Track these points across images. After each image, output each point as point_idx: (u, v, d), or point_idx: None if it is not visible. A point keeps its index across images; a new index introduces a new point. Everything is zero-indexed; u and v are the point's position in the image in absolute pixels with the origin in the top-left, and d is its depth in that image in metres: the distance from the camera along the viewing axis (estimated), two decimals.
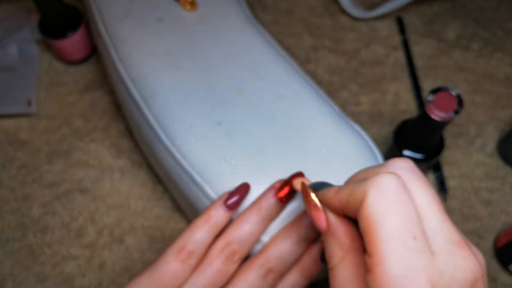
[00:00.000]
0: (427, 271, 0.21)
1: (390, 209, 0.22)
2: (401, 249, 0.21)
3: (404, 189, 0.23)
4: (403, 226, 0.22)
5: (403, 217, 0.22)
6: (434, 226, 0.23)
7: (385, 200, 0.22)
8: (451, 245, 0.22)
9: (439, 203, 0.24)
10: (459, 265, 0.22)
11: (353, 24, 0.58)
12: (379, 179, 0.23)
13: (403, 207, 0.22)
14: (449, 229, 0.23)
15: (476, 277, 0.22)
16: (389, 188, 0.22)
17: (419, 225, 0.22)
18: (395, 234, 0.21)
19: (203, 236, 0.32)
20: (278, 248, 0.32)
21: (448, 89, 0.38)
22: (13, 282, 0.45)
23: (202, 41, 0.42)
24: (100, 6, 0.44)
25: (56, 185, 0.50)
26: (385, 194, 0.22)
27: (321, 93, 0.40)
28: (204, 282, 0.31)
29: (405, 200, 0.22)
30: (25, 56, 0.56)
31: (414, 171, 0.24)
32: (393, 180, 0.23)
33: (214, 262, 0.32)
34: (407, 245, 0.21)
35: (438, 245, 0.22)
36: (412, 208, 0.22)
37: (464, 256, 0.22)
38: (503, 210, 0.48)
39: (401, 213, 0.22)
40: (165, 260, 0.32)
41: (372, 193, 0.22)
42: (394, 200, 0.22)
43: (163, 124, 0.38)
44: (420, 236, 0.22)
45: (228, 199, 0.33)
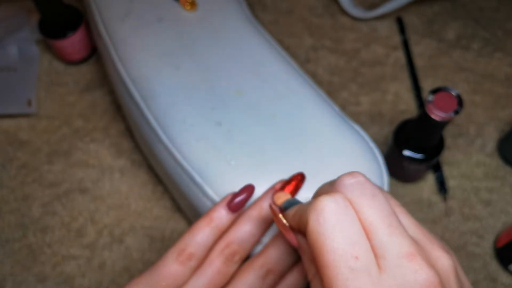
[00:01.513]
0: None
1: (329, 233, 0.22)
2: (345, 272, 0.21)
3: (344, 209, 0.23)
4: (344, 249, 0.22)
5: (343, 239, 0.22)
6: (382, 241, 0.22)
7: (323, 224, 0.22)
8: (400, 258, 0.22)
9: (388, 216, 0.23)
10: (409, 279, 0.21)
11: (353, 24, 0.58)
12: (317, 203, 0.23)
13: (343, 229, 0.22)
14: (398, 241, 0.22)
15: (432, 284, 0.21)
16: (327, 212, 0.22)
17: (363, 243, 0.22)
18: (336, 258, 0.21)
19: (205, 238, 0.32)
20: (278, 249, 0.32)
21: (448, 89, 0.38)
22: (13, 282, 0.45)
23: (202, 41, 0.42)
24: (100, 6, 0.44)
25: (56, 185, 0.50)
26: (323, 218, 0.22)
27: (321, 93, 0.40)
28: (204, 283, 0.31)
29: (345, 221, 0.22)
30: (25, 56, 0.56)
31: (361, 186, 0.24)
32: (331, 204, 0.22)
33: (214, 262, 0.32)
34: (350, 267, 0.21)
35: (386, 261, 0.22)
36: (354, 227, 0.22)
37: (414, 268, 0.21)
38: (503, 210, 0.48)
39: (341, 235, 0.22)
40: (165, 261, 0.32)
41: (312, 218, 0.23)
42: (332, 223, 0.22)
43: (163, 124, 0.38)
44: (363, 255, 0.22)
45: (231, 201, 0.33)
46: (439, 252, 0.23)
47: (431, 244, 0.24)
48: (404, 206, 0.26)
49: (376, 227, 0.23)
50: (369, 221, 0.23)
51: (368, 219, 0.23)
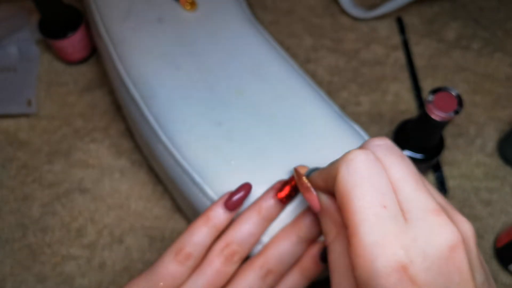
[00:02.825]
0: (399, 237, 0.22)
1: (359, 181, 0.23)
2: (372, 218, 0.22)
3: (374, 162, 0.24)
4: (372, 196, 0.23)
5: (372, 188, 0.23)
6: (408, 196, 0.23)
7: (354, 173, 0.23)
8: (425, 213, 0.23)
9: (414, 175, 0.24)
10: (434, 232, 0.22)
11: (353, 24, 0.58)
12: (348, 155, 0.24)
13: (372, 179, 0.23)
14: (425, 198, 0.23)
15: (453, 243, 0.22)
16: (358, 163, 0.23)
17: (390, 195, 0.23)
18: (365, 205, 0.22)
19: (202, 237, 0.32)
20: (277, 249, 0.32)
21: (448, 89, 0.38)
22: (13, 282, 0.45)
23: (202, 41, 0.42)
24: (100, 6, 0.44)
25: (56, 185, 0.50)
26: (354, 168, 0.23)
27: (321, 93, 0.40)
28: (204, 283, 0.31)
29: (375, 173, 0.23)
30: (25, 56, 0.56)
31: (389, 148, 0.25)
32: (362, 155, 0.24)
33: (213, 262, 0.32)
34: (377, 214, 0.22)
35: (413, 214, 0.23)
36: (383, 179, 0.23)
37: (440, 223, 0.22)
38: (503, 210, 0.48)
39: (370, 185, 0.23)
40: (164, 261, 0.32)
41: (342, 168, 0.24)
42: (362, 173, 0.23)
43: (163, 124, 0.38)
44: (391, 205, 0.23)
45: (228, 199, 0.33)
46: (461, 217, 0.24)
47: (453, 210, 0.25)
48: None
49: (403, 183, 0.24)
50: (396, 178, 0.24)
51: (395, 175, 0.24)
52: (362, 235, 0.22)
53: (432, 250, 0.22)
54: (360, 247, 0.22)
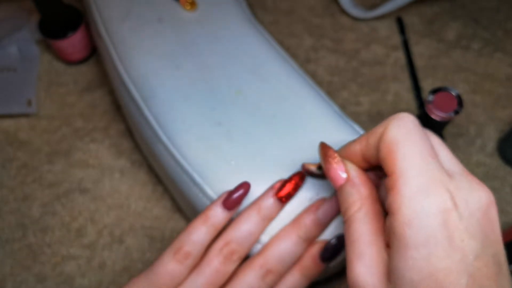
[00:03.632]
0: (446, 184, 0.23)
1: (410, 133, 0.25)
2: (422, 163, 0.24)
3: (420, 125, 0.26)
4: (423, 146, 0.24)
5: (422, 140, 0.25)
6: (447, 159, 0.25)
7: (405, 127, 0.25)
8: (463, 174, 0.25)
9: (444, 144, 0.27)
10: (474, 188, 0.24)
11: (353, 24, 0.59)
12: (398, 114, 0.26)
13: (421, 134, 0.25)
14: (460, 164, 0.26)
15: (490, 201, 0.24)
16: (408, 120, 0.25)
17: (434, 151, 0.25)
18: (415, 151, 0.24)
19: (201, 236, 0.32)
20: (277, 249, 0.32)
21: (448, 89, 0.38)
22: (13, 282, 0.45)
23: (202, 41, 0.42)
24: (100, 6, 0.44)
25: (56, 185, 0.50)
26: (406, 122, 0.25)
27: (321, 93, 0.40)
28: (203, 282, 0.31)
29: (422, 131, 0.25)
30: (25, 56, 0.56)
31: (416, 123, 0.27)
32: (411, 116, 0.26)
33: (212, 261, 0.32)
34: (426, 160, 0.24)
35: (453, 173, 0.25)
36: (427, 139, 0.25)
37: (477, 182, 0.24)
38: (503, 210, 0.48)
39: (419, 137, 0.25)
40: (163, 261, 0.32)
41: (393, 123, 0.25)
42: (413, 128, 0.25)
43: (163, 124, 0.38)
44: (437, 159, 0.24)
45: (227, 198, 0.33)
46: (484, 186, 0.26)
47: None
48: None
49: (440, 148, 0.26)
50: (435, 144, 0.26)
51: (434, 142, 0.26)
52: (411, 177, 0.23)
53: (474, 202, 0.23)
54: (408, 188, 0.23)
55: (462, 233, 0.23)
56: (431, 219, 0.23)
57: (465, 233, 0.23)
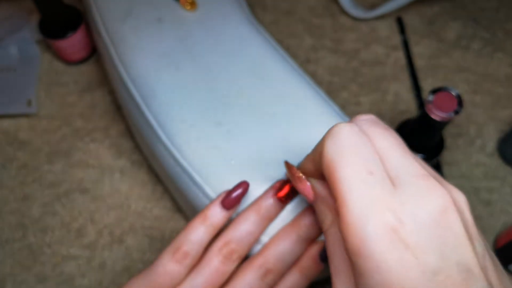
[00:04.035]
0: (388, 202, 0.21)
1: (345, 150, 0.23)
2: (360, 185, 0.22)
3: (359, 133, 0.24)
4: (358, 164, 0.23)
5: (358, 156, 0.23)
6: (396, 163, 0.23)
7: (339, 144, 0.23)
8: (414, 177, 0.22)
9: (401, 144, 0.24)
10: (423, 195, 0.22)
11: (353, 24, 0.58)
12: (333, 128, 0.24)
13: (358, 148, 0.23)
14: (412, 164, 0.23)
15: (444, 205, 0.21)
16: (342, 134, 0.24)
17: (376, 161, 0.23)
18: (351, 172, 0.22)
19: (200, 236, 0.32)
20: (277, 248, 0.32)
21: (448, 89, 0.38)
22: (13, 282, 0.45)
23: (202, 41, 0.42)
24: (100, 6, 0.44)
25: (56, 185, 0.50)
26: (339, 139, 0.24)
27: (321, 93, 0.40)
28: (202, 282, 0.31)
29: (360, 142, 0.23)
30: (25, 56, 0.56)
31: (374, 121, 0.25)
32: (347, 127, 0.24)
33: (212, 261, 0.32)
34: (364, 181, 0.22)
35: (401, 180, 0.22)
36: (368, 148, 0.23)
37: (429, 186, 0.22)
38: (503, 210, 0.48)
39: (355, 153, 0.23)
40: (161, 261, 0.32)
41: (328, 140, 0.24)
42: (347, 143, 0.23)
43: (163, 124, 0.38)
44: (377, 171, 0.22)
45: (225, 198, 0.33)
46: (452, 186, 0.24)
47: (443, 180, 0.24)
48: None
49: (389, 152, 0.24)
50: (382, 147, 0.24)
51: (382, 145, 0.24)
52: (350, 203, 0.22)
53: (422, 213, 0.21)
54: (349, 215, 0.22)
55: (415, 250, 0.21)
56: (378, 244, 0.21)
57: (417, 250, 0.21)
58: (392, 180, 0.23)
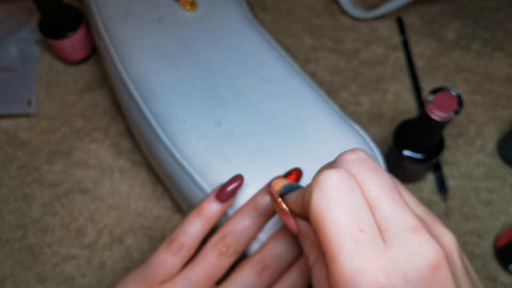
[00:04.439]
0: (378, 262, 0.21)
1: (333, 205, 0.22)
2: (350, 244, 0.21)
3: (347, 182, 0.22)
4: (348, 220, 0.21)
5: (347, 211, 0.22)
6: (386, 215, 0.22)
7: (327, 196, 0.22)
8: (404, 232, 0.21)
9: (391, 190, 0.23)
10: (414, 252, 0.21)
11: (353, 24, 0.59)
12: (320, 177, 0.22)
13: (347, 201, 0.22)
14: (403, 215, 0.22)
15: (436, 261, 0.21)
16: (329, 184, 0.22)
17: (367, 216, 0.22)
18: (341, 229, 0.21)
19: (195, 228, 0.32)
20: (275, 246, 0.32)
21: (448, 89, 0.38)
22: (13, 282, 0.45)
23: (202, 41, 0.42)
24: (100, 6, 0.44)
25: (56, 185, 0.50)
26: (326, 190, 0.22)
27: (321, 93, 0.40)
28: (197, 275, 0.32)
29: (349, 193, 0.22)
30: (25, 56, 0.56)
31: (363, 161, 0.23)
32: (334, 176, 0.22)
33: (207, 255, 0.32)
34: (355, 239, 0.21)
35: (391, 234, 0.22)
36: (358, 200, 0.22)
37: (420, 241, 0.21)
38: (503, 210, 0.48)
39: (345, 207, 0.22)
40: (157, 253, 0.32)
41: (315, 192, 0.22)
42: (335, 195, 0.22)
43: (163, 124, 0.38)
44: (368, 227, 0.21)
45: (220, 191, 0.33)
46: (443, 229, 0.23)
47: (434, 222, 0.23)
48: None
49: (379, 201, 0.22)
50: (373, 195, 0.22)
51: (372, 192, 0.22)
52: (340, 262, 0.21)
53: (414, 272, 0.21)
54: (339, 275, 0.21)
55: None
56: None
57: None
58: (382, 233, 0.22)
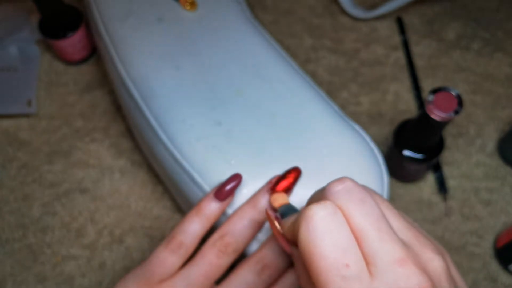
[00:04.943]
0: None
1: (319, 241, 0.22)
2: (337, 279, 0.21)
3: (333, 217, 0.23)
4: (334, 257, 0.22)
5: (333, 247, 0.22)
6: (372, 247, 0.22)
7: (314, 232, 0.22)
8: (391, 265, 0.22)
9: (377, 220, 0.23)
10: (401, 285, 0.21)
11: (353, 24, 0.58)
12: (306, 212, 0.23)
13: (332, 236, 0.22)
14: (389, 248, 0.22)
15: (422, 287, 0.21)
16: (317, 220, 0.22)
17: (353, 250, 0.22)
18: (328, 266, 0.22)
19: (193, 227, 0.33)
20: (274, 245, 0.32)
21: (448, 89, 0.38)
22: (13, 282, 0.45)
23: (202, 41, 0.42)
24: (100, 6, 0.44)
25: (56, 185, 0.50)
26: (312, 226, 0.22)
27: (321, 93, 0.40)
28: (196, 274, 0.32)
29: (335, 228, 0.22)
30: (25, 56, 0.56)
31: (349, 191, 0.24)
32: (321, 211, 0.22)
33: (207, 254, 0.32)
34: (341, 275, 0.21)
35: (377, 267, 0.22)
36: (344, 234, 0.22)
37: (406, 274, 0.21)
38: (503, 210, 0.48)
39: (331, 243, 0.22)
40: (156, 251, 0.33)
41: (302, 227, 0.23)
42: (321, 231, 0.22)
43: (163, 124, 0.38)
44: (354, 262, 0.22)
45: (219, 190, 0.33)
46: (430, 254, 0.23)
47: (422, 247, 0.23)
48: (404, 206, 0.25)
49: (366, 233, 0.22)
50: (359, 227, 0.23)
51: (358, 225, 0.23)
52: None
53: None
54: None
55: None
56: None
57: None
58: (369, 266, 0.22)
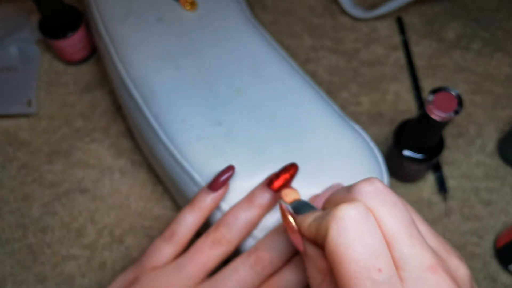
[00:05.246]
0: None
1: (351, 243, 0.21)
2: (368, 284, 0.21)
3: (366, 218, 0.22)
4: (366, 260, 0.21)
5: (366, 250, 0.21)
6: (403, 252, 0.22)
7: (345, 234, 0.22)
8: (422, 270, 0.21)
9: (409, 226, 0.23)
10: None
11: (353, 24, 0.58)
12: (338, 212, 0.22)
13: (365, 239, 0.21)
14: (420, 253, 0.22)
15: None
16: (348, 221, 0.22)
17: (385, 254, 0.22)
18: (359, 269, 0.21)
19: (188, 218, 0.34)
20: (270, 239, 0.32)
21: (448, 89, 0.38)
22: (13, 282, 0.45)
23: (202, 41, 0.42)
24: (100, 6, 0.44)
25: (56, 185, 0.50)
26: (345, 228, 0.22)
27: (321, 93, 0.40)
28: (189, 263, 0.32)
29: (367, 231, 0.22)
30: (25, 56, 0.56)
31: (381, 193, 0.23)
32: (352, 211, 0.22)
33: (200, 244, 0.33)
34: (373, 279, 0.21)
35: (408, 272, 0.21)
36: (376, 237, 0.22)
37: (437, 280, 0.21)
38: (503, 210, 0.48)
39: (363, 245, 0.21)
40: (153, 242, 0.34)
41: (333, 228, 0.22)
42: (353, 232, 0.22)
43: (163, 124, 0.38)
44: (386, 267, 0.21)
45: (212, 181, 0.34)
46: (457, 261, 0.23)
47: (448, 254, 0.23)
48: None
49: (397, 238, 0.22)
50: (391, 232, 0.22)
51: (390, 229, 0.22)
52: None
53: None
54: None
55: None
56: None
57: None
58: (399, 271, 0.22)
